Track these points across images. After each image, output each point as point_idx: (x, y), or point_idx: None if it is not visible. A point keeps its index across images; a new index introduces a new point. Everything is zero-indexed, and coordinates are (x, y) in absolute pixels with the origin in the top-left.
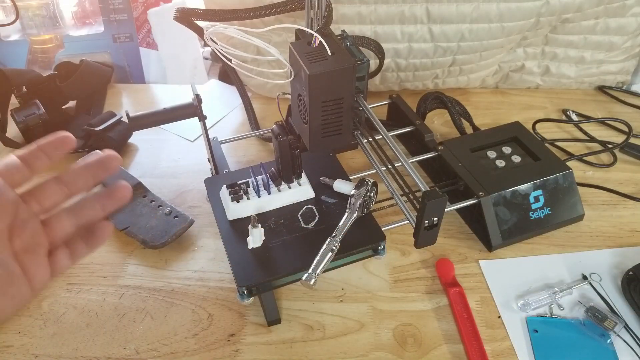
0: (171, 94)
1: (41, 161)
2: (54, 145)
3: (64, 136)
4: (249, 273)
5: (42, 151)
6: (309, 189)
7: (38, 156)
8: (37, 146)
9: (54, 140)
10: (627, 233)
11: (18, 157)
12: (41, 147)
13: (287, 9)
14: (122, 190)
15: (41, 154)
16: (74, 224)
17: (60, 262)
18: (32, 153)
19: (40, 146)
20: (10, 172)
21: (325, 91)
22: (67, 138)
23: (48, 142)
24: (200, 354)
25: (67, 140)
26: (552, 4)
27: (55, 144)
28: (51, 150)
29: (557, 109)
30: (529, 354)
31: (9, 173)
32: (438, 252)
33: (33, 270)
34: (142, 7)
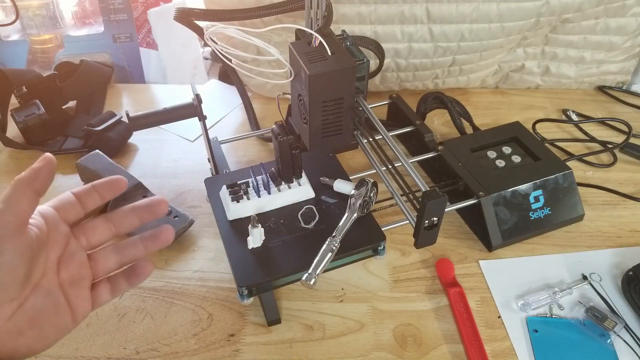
0: (171, 94)
1: (93, 200)
2: (108, 186)
3: (118, 179)
4: (249, 273)
5: (95, 191)
6: (309, 189)
7: (91, 195)
8: (91, 186)
9: (108, 182)
10: (627, 233)
11: (73, 194)
12: (95, 187)
13: (287, 9)
14: (166, 233)
15: (95, 193)
16: (118, 261)
17: (101, 296)
18: (86, 192)
19: (95, 186)
20: (64, 207)
21: (325, 91)
22: (120, 181)
23: (102, 183)
24: (200, 354)
25: (120, 183)
26: (552, 4)
27: (109, 186)
28: (104, 190)
29: (557, 109)
30: (529, 354)
31: (64, 208)
32: (438, 252)
33: (76, 301)
34: (142, 7)
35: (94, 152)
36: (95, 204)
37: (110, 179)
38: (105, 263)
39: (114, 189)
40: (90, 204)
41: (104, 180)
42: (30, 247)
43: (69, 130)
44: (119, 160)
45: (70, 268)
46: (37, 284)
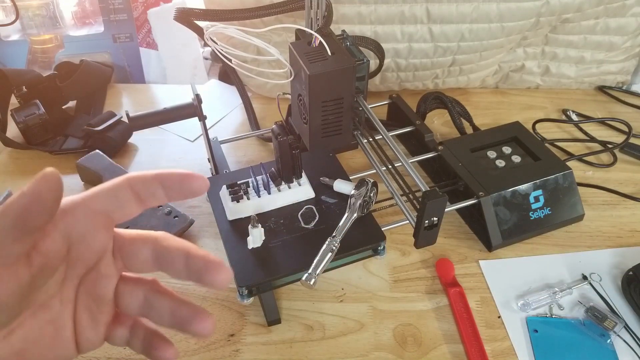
0: (171, 94)
1: (156, 198)
2: (180, 181)
3: (194, 176)
4: (249, 273)
5: (161, 183)
6: (309, 189)
7: (154, 190)
8: (156, 175)
9: (181, 176)
10: (627, 233)
11: (129, 183)
12: (161, 178)
13: (287, 9)
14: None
15: (159, 189)
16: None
17: (116, 339)
18: (148, 182)
19: (161, 177)
20: (111, 204)
21: (325, 91)
22: (198, 180)
23: (172, 175)
24: (200, 354)
25: (198, 182)
26: (552, 4)
27: (182, 181)
28: (174, 186)
29: (557, 109)
30: (529, 354)
31: (110, 205)
32: (438, 252)
33: (87, 335)
34: (142, 7)
35: (94, 152)
36: (157, 202)
37: (184, 174)
38: (127, 306)
39: (187, 190)
40: (151, 201)
41: (176, 174)
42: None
43: (69, 130)
44: (119, 160)
45: (93, 294)
46: (44, 304)
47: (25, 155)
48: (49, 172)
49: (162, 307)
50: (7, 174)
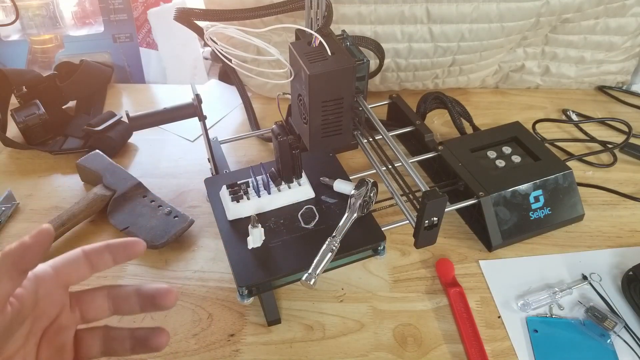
0: (171, 94)
1: (104, 262)
2: (124, 249)
3: (136, 242)
4: (249, 273)
5: (109, 252)
6: (309, 189)
7: (103, 256)
8: (105, 246)
9: (124, 245)
10: (627, 233)
11: (83, 253)
12: (110, 248)
13: (287, 9)
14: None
15: (108, 255)
16: (101, 352)
17: None
18: (99, 251)
19: (110, 247)
20: (69, 269)
21: (325, 91)
22: (138, 245)
23: (118, 245)
24: (200, 354)
25: (138, 247)
26: (552, 4)
27: (125, 249)
28: (119, 253)
29: (557, 109)
30: (529, 354)
31: (68, 269)
32: (438, 252)
33: None
34: (142, 7)
35: (94, 152)
36: (105, 266)
37: (128, 241)
38: (88, 349)
39: (130, 253)
40: (101, 265)
41: (121, 241)
42: (2, 325)
43: (69, 130)
44: (119, 160)
45: (54, 344)
46: (8, 358)
47: (25, 155)
48: (46, 228)
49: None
50: (7, 174)
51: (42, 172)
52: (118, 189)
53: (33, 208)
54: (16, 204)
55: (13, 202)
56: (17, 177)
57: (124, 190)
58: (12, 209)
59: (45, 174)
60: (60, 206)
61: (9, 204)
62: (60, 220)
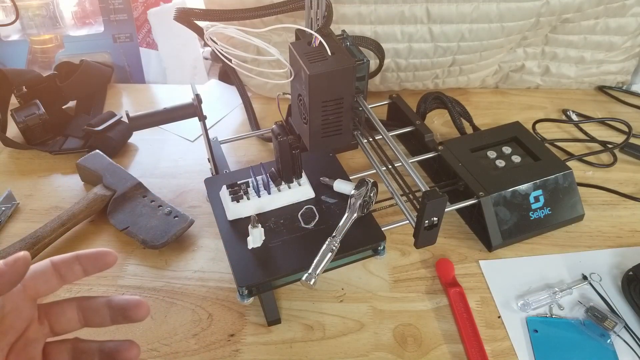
0: (171, 94)
1: (74, 274)
2: (94, 260)
3: (106, 253)
4: (249, 273)
5: (79, 263)
6: (309, 189)
7: (73, 268)
8: (75, 257)
9: (95, 255)
10: (627, 233)
11: (52, 264)
12: (80, 259)
13: (287, 9)
14: (127, 351)
15: (77, 266)
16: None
17: None
18: (68, 263)
19: (79, 257)
20: (37, 280)
21: (325, 91)
22: (109, 256)
23: (88, 255)
24: (200, 354)
25: (109, 258)
26: (552, 4)
27: (95, 259)
28: (89, 264)
29: (557, 109)
30: (529, 354)
31: (37, 281)
32: (438, 252)
33: None
34: (142, 7)
35: (94, 152)
36: (75, 277)
37: (97, 252)
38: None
39: (101, 264)
40: (70, 277)
41: (91, 252)
42: None
43: (69, 130)
44: (119, 160)
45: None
46: None
47: (25, 155)
48: (22, 255)
49: (90, 349)
50: (7, 174)
51: (42, 172)
52: (118, 189)
53: (33, 208)
54: (16, 204)
55: (13, 202)
56: (17, 177)
57: (124, 190)
58: (12, 209)
59: (45, 174)
60: (60, 206)
61: (9, 204)
62: (60, 220)
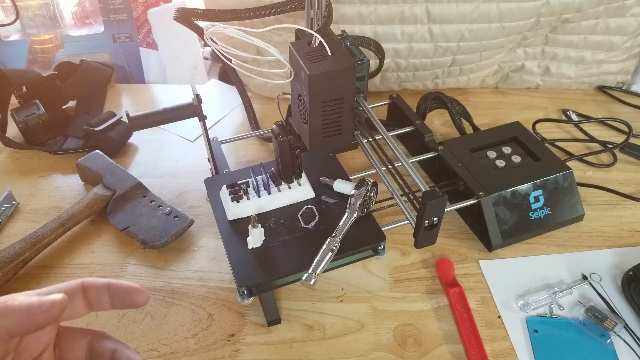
0: (171, 94)
1: (101, 304)
2: (124, 293)
3: (138, 291)
4: (249, 273)
5: (108, 293)
6: (309, 189)
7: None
8: (107, 285)
9: (126, 289)
10: (627, 233)
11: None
12: (111, 289)
13: (287, 9)
14: None
15: (106, 297)
16: None
17: None
18: (98, 289)
19: (110, 286)
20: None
21: (325, 91)
22: (140, 295)
23: (119, 287)
24: (200, 354)
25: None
26: (552, 4)
27: (126, 294)
28: (118, 297)
29: (557, 109)
30: (529, 354)
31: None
32: (438, 252)
33: None
34: (142, 7)
35: (94, 152)
36: (101, 308)
37: (129, 287)
38: None
39: (129, 302)
40: (97, 306)
41: (123, 285)
42: None
43: (69, 130)
44: (119, 160)
45: None
46: None
47: (25, 155)
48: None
49: None
50: (7, 174)
51: (42, 172)
52: (118, 189)
53: (33, 208)
54: (16, 204)
55: (13, 202)
56: (17, 177)
57: (124, 190)
58: (12, 209)
59: (45, 174)
60: (60, 206)
61: (9, 204)
62: (60, 220)
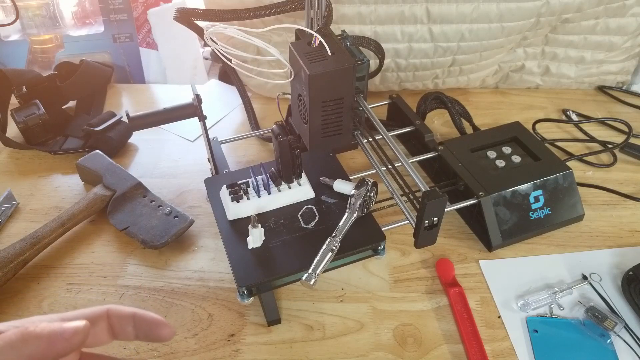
0: (171, 94)
1: (125, 334)
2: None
3: (164, 325)
4: (249, 273)
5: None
6: (309, 189)
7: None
8: (132, 314)
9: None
10: (627, 233)
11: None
12: (136, 318)
13: (287, 9)
14: None
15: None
16: None
17: None
18: (123, 318)
19: (136, 316)
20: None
21: (325, 91)
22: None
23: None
24: (200, 354)
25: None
26: (552, 4)
27: (151, 327)
28: (143, 329)
29: (557, 109)
30: (529, 354)
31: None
32: (438, 252)
33: None
34: (142, 7)
35: (94, 152)
36: (125, 338)
37: (155, 319)
38: None
39: (154, 336)
40: (121, 335)
41: (149, 317)
42: None
43: (69, 130)
44: (119, 160)
45: None
46: None
47: (25, 155)
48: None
49: None
50: (7, 174)
51: (42, 172)
52: (118, 189)
53: (33, 208)
54: (16, 204)
55: (13, 202)
56: (17, 177)
57: (124, 190)
58: (12, 209)
59: (45, 174)
60: (60, 206)
61: (9, 204)
62: (60, 220)
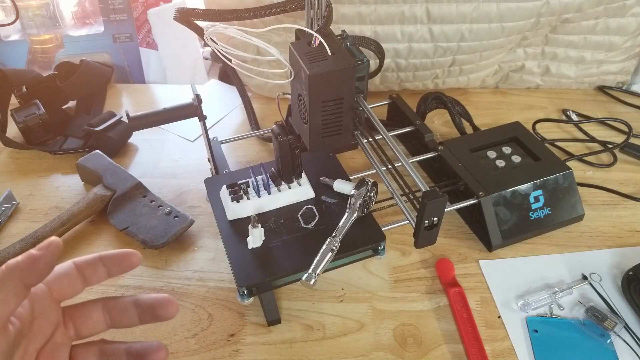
0: (171, 94)
1: (98, 275)
2: (118, 261)
3: (131, 254)
4: (249, 273)
5: (103, 264)
6: (309, 189)
7: (97, 269)
8: (99, 258)
9: (119, 256)
10: (627, 233)
11: (75, 265)
12: (103, 260)
13: (287, 9)
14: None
15: (101, 267)
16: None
17: None
18: (92, 264)
19: (103, 258)
20: (61, 283)
21: (325, 91)
22: (134, 257)
23: (112, 256)
24: (200, 354)
25: (134, 258)
26: (552, 4)
27: (120, 260)
28: (114, 265)
29: (557, 109)
30: (529, 354)
31: (62, 283)
32: (438, 252)
33: None
34: (142, 7)
35: (94, 152)
36: (99, 279)
37: (123, 252)
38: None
39: (125, 265)
40: (94, 279)
41: (115, 253)
42: (6, 347)
43: (69, 130)
44: (119, 160)
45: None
46: None
47: (25, 155)
48: (54, 239)
49: (117, 351)
50: (7, 174)
51: (42, 172)
52: (118, 189)
53: (33, 208)
54: (16, 204)
55: (13, 202)
56: (17, 177)
57: (124, 190)
58: (12, 209)
59: (45, 174)
60: (60, 206)
61: (9, 204)
62: (60, 220)
